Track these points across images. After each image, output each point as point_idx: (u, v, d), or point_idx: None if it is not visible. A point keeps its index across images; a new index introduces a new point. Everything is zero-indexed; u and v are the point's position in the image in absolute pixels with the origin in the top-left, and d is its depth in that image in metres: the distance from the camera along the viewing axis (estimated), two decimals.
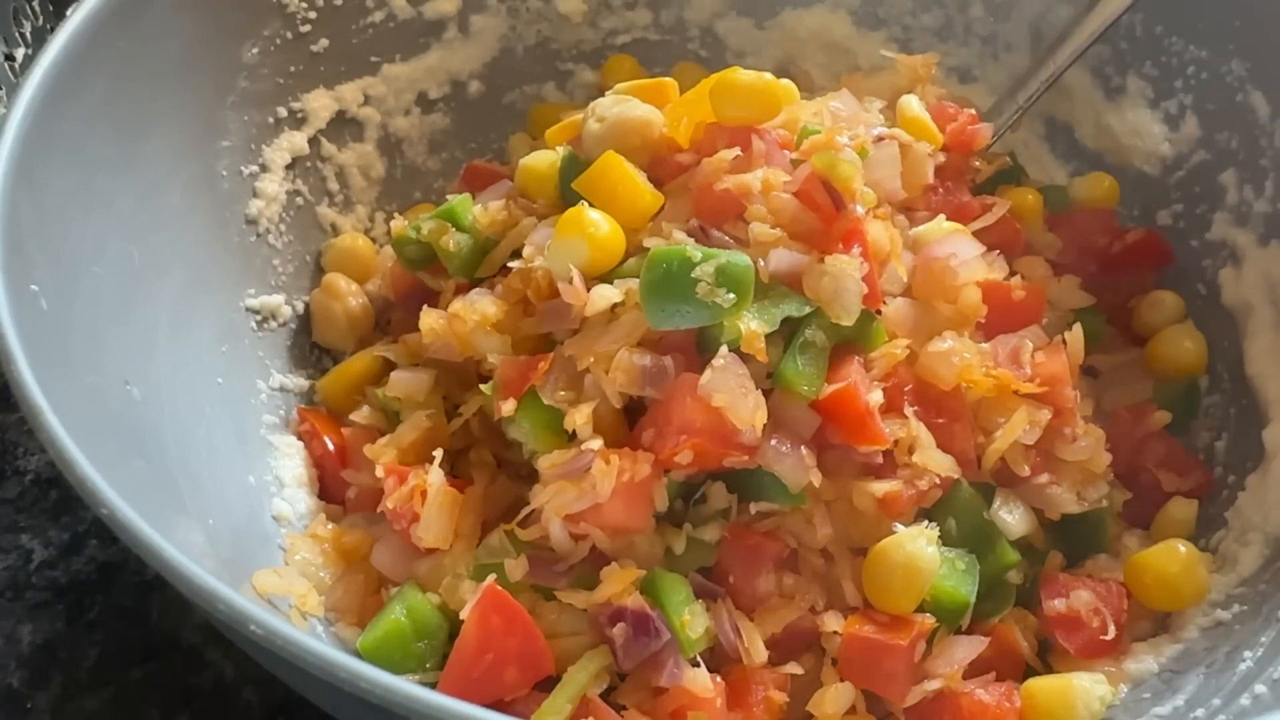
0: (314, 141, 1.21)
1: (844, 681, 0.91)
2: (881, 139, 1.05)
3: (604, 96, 1.08)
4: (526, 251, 1.02)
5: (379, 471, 1.00)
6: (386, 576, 1.00)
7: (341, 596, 0.99)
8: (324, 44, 1.21)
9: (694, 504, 0.96)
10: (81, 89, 0.97)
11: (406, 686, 0.66)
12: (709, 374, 0.90)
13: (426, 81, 1.29)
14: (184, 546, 0.74)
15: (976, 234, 1.06)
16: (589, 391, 0.94)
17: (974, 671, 0.93)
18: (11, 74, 1.30)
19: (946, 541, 0.95)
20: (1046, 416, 0.99)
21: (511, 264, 1.03)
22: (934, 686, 0.91)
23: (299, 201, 1.20)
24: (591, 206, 0.98)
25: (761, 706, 0.90)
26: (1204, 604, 0.99)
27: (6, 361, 0.80)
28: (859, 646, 0.91)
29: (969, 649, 0.93)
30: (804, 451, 0.92)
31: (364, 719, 0.73)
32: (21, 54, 1.32)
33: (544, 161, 1.09)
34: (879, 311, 0.98)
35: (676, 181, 1.03)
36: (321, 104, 1.21)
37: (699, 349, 0.94)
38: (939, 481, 0.95)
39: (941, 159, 1.11)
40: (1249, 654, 0.91)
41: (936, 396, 0.98)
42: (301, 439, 1.11)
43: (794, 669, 0.92)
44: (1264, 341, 1.11)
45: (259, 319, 1.14)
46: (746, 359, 0.91)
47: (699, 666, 0.90)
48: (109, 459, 0.79)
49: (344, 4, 1.22)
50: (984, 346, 1.00)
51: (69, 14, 0.98)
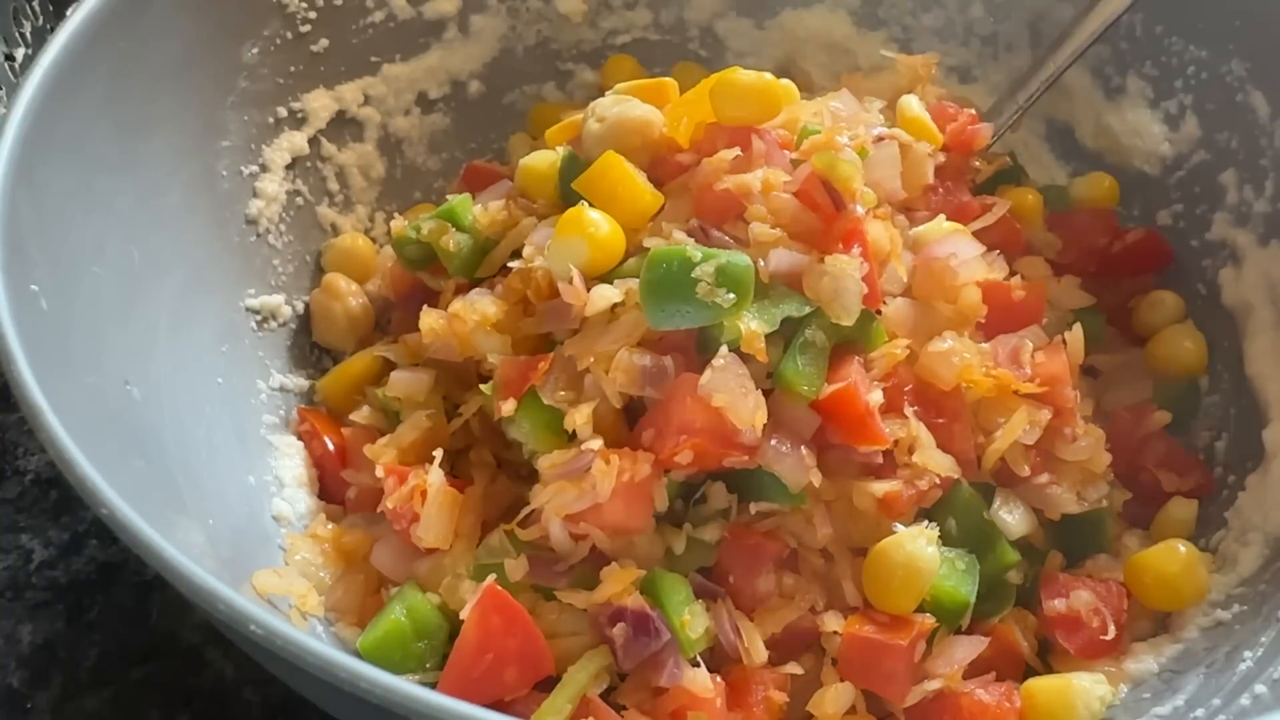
0: (314, 141, 1.21)
1: (844, 681, 0.91)
2: (881, 139, 1.05)
3: (604, 96, 1.08)
4: (526, 251, 1.02)
5: (379, 471, 1.00)
6: (386, 576, 1.00)
7: (341, 596, 0.99)
8: (324, 44, 1.20)
9: (694, 504, 0.96)
10: (81, 89, 0.97)
11: (406, 686, 0.66)
12: (709, 374, 0.90)
13: (426, 81, 1.29)
14: (184, 546, 0.74)
15: (976, 234, 1.06)
16: (589, 391, 0.94)
17: (974, 671, 0.93)
18: (11, 74, 1.30)
19: (946, 541, 0.95)
20: (1046, 416, 0.99)
21: (511, 264, 1.03)
22: (934, 686, 0.91)
23: (299, 201, 1.20)
24: (591, 206, 0.98)
25: (761, 706, 0.90)
26: (1204, 604, 0.99)
27: (6, 361, 0.80)
28: (859, 646, 0.91)
29: (969, 649, 0.93)
30: (804, 451, 0.92)
31: (364, 719, 0.73)
32: (21, 54, 1.32)
33: (544, 161, 1.09)
34: (879, 311, 0.98)
35: (676, 181, 1.03)
36: (321, 104, 1.21)
37: (699, 349, 0.94)
38: (939, 481, 0.95)
39: (941, 159, 1.11)
40: (1249, 654, 0.91)
41: (936, 396, 0.98)
42: (301, 439, 1.11)
43: (794, 669, 0.92)
44: (1264, 341, 1.11)
45: (259, 319, 1.14)
46: (746, 359, 0.91)
47: (699, 666, 0.90)
48: (109, 459, 0.79)
49: (344, 4, 1.21)
50: (984, 346, 1.00)
51: (69, 14, 0.98)
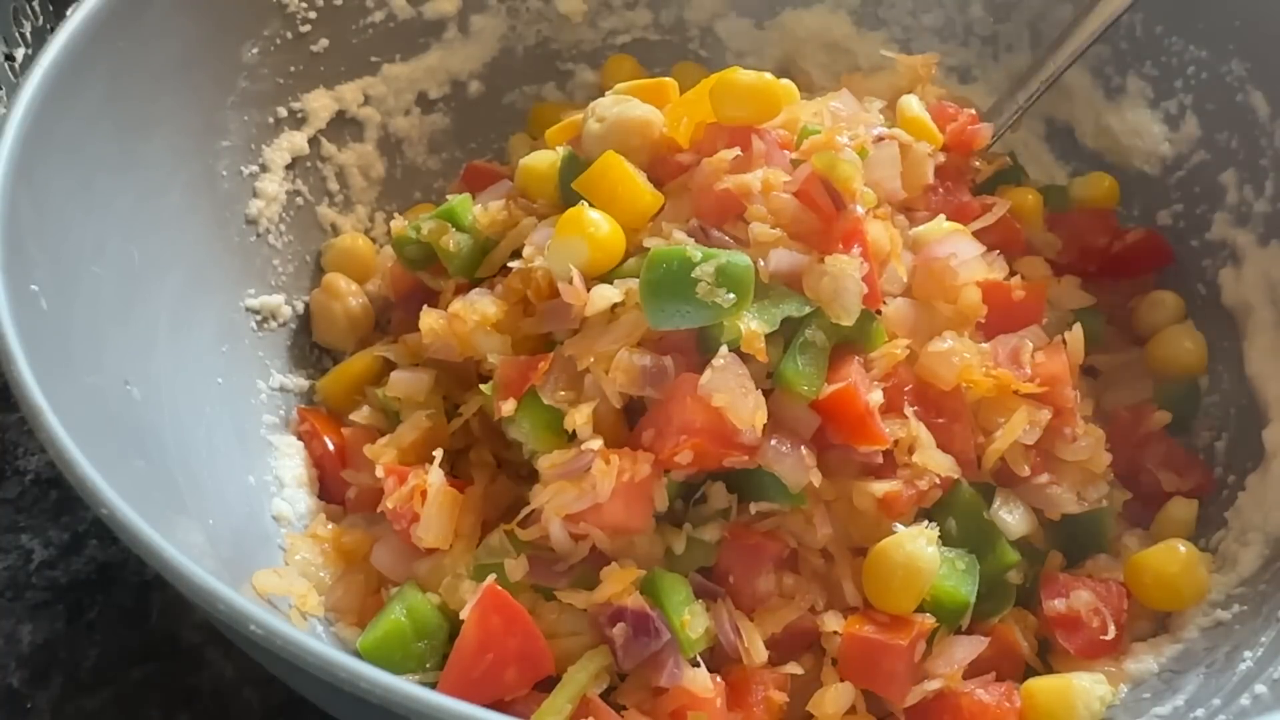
0: (314, 141, 1.21)
1: (844, 681, 0.91)
2: (881, 139, 1.05)
3: (604, 96, 1.08)
4: (526, 251, 1.02)
5: (379, 471, 1.00)
6: (386, 576, 1.00)
7: (341, 596, 0.99)
8: (324, 44, 1.20)
9: (694, 504, 0.96)
10: (81, 89, 0.97)
11: (406, 686, 0.66)
12: (709, 374, 0.90)
13: (426, 81, 1.29)
14: (184, 546, 0.74)
15: (976, 234, 1.06)
16: (589, 391, 0.94)
17: (974, 671, 0.93)
18: (11, 74, 1.30)
19: (946, 541, 0.94)
20: (1046, 416, 0.99)
21: (511, 264, 1.03)
22: (934, 686, 0.91)
23: (299, 201, 1.20)
24: (591, 206, 0.98)
25: (761, 706, 0.90)
26: (1204, 604, 0.99)
27: (6, 361, 0.80)
28: (859, 646, 0.91)
29: (969, 649, 0.93)
30: (804, 451, 0.92)
31: (364, 719, 0.73)
32: (21, 54, 1.32)
33: (544, 161, 1.09)
34: (879, 311, 0.98)
35: (676, 181, 1.03)
36: (321, 104, 1.21)
37: (699, 349, 0.94)
38: (939, 481, 0.95)
39: (941, 159, 1.11)
40: (1249, 654, 0.91)
41: (936, 396, 0.98)
42: (301, 439, 1.11)
43: (794, 669, 0.92)
44: (1264, 341, 1.11)
45: (259, 319, 1.14)
46: (746, 359, 0.91)
47: (699, 666, 0.90)
48: (109, 459, 0.79)
49: (344, 4, 1.21)
50: (984, 346, 1.00)
51: (69, 14, 0.98)
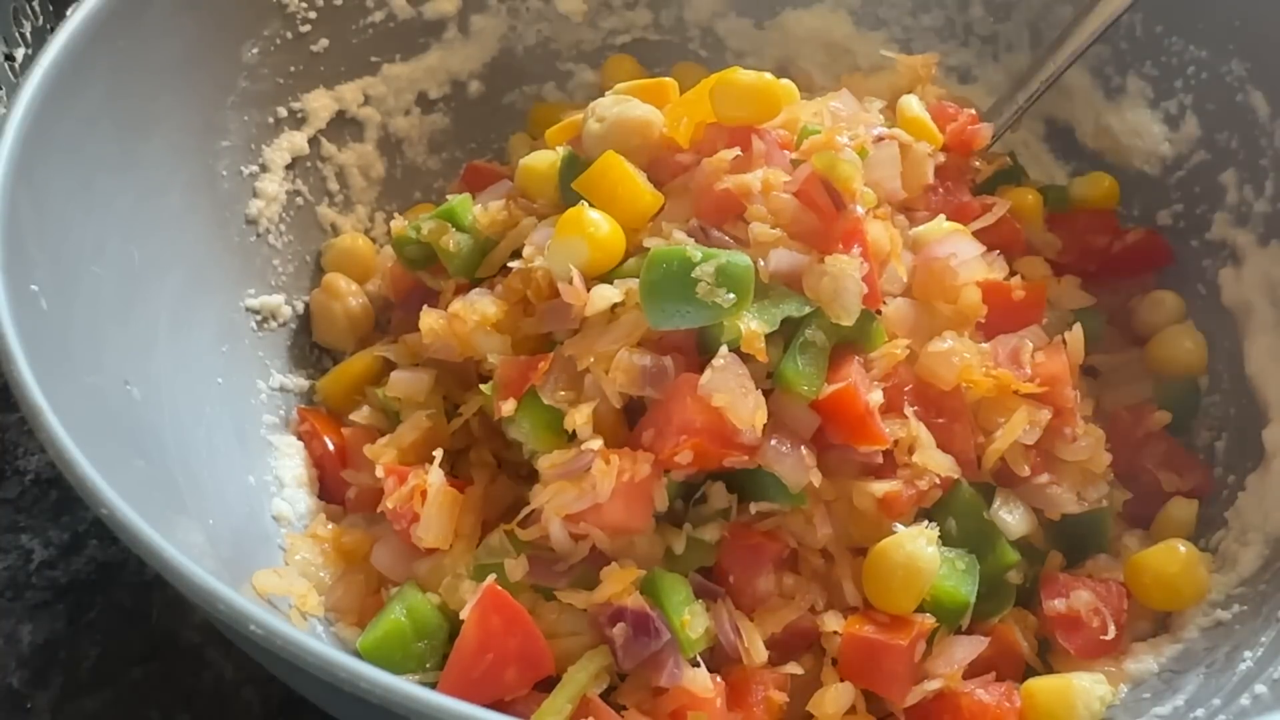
0: (314, 141, 1.21)
1: (844, 681, 0.91)
2: (881, 139, 1.05)
3: (604, 96, 1.08)
4: (526, 251, 1.02)
5: (379, 471, 1.00)
6: (386, 576, 1.00)
7: (341, 596, 0.99)
8: (324, 44, 1.20)
9: (694, 504, 0.96)
10: (81, 89, 0.97)
11: (406, 686, 0.66)
12: (709, 374, 0.90)
13: (426, 81, 1.29)
14: (184, 546, 0.74)
15: (976, 234, 1.06)
16: (589, 391, 0.94)
17: (974, 671, 0.93)
18: (11, 74, 1.30)
19: (946, 541, 0.94)
20: (1046, 416, 0.99)
21: (511, 264, 1.03)
22: (934, 686, 0.91)
23: (299, 201, 1.20)
24: (591, 206, 0.98)
25: (761, 706, 0.90)
26: (1204, 604, 0.99)
27: (6, 361, 0.80)
28: (859, 646, 0.91)
29: (969, 649, 0.93)
30: (804, 451, 0.92)
31: (364, 719, 0.73)
32: (21, 54, 1.32)
33: (544, 161, 1.09)
34: (879, 311, 0.98)
35: (676, 181, 1.03)
36: (321, 104, 1.21)
37: (699, 349, 0.94)
38: (939, 481, 0.95)
39: (941, 159, 1.11)
40: (1249, 654, 0.91)
41: (936, 396, 0.97)
42: (301, 439, 1.11)
43: (794, 669, 0.92)
44: (1264, 341, 1.11)
45: (259, 319, 1.14)
46: (746, 359, 0.91)
47: (699, 666, 0.90)
48: (109, 459, 0.79)
49: (344, 4, 1.21)
50: (984, 346, 1.00)
51: (69, 14, 0.98)
